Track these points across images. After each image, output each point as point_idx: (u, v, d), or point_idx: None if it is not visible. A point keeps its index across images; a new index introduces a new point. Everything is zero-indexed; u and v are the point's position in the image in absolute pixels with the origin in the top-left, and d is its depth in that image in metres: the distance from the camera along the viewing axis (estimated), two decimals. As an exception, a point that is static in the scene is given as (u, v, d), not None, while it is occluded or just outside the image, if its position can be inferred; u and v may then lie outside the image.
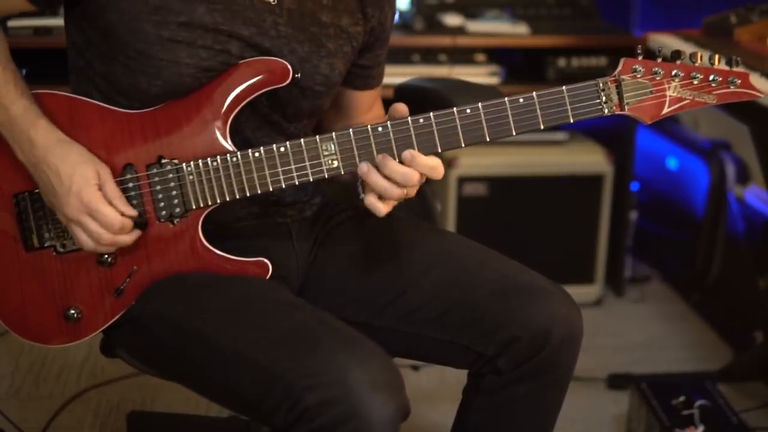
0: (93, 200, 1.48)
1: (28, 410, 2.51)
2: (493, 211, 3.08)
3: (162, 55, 1.51)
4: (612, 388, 2.72)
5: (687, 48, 2.54)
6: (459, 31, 3.04)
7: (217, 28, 1.52)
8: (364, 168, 1.50)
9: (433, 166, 1.51)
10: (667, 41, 2.65)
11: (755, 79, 2.21)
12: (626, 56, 1.53)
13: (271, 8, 1.56)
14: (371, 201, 1.51)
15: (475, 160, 3.06)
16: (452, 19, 3.08)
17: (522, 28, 3.04)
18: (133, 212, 1.52)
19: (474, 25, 3.06)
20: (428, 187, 2.06)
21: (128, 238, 1.52)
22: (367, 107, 1.78)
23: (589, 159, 3.12)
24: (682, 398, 2.33)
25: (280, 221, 1.67)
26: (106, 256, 1.56)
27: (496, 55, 3.06)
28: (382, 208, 1.51)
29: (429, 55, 2.99)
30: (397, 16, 3.03)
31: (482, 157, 3.07)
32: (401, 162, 1.50)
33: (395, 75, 2.48)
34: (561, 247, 3.14)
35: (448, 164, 3.04)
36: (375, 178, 1.50)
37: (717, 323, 3.10)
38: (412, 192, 1.53)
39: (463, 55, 3.01)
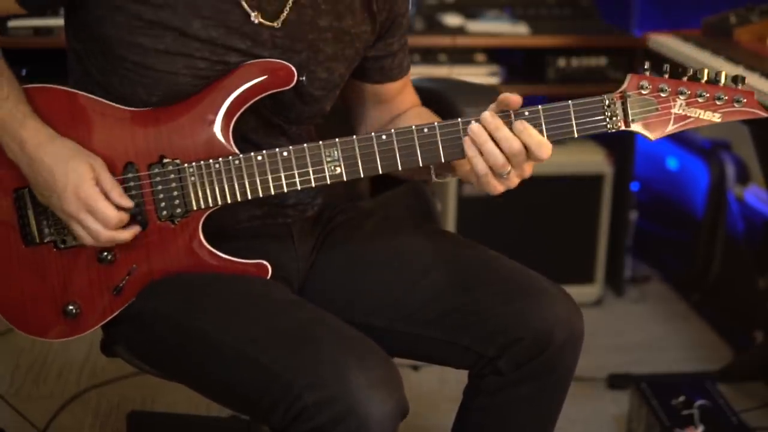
0: (90, 197, 1.48)
1: (28, 410, 2.50)
2: (493, 211, 3.08)
3: (159, 66, 1.50)
4: (612, 388, 2.72)
5: (686, 49, 2.54)
6: (459, 31, 3.04)
7: (213, 42, 1.51)
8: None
9: (540, 141, 1.47)
10: (666, 41, 2.65)
11: (755, 79, 2.22)
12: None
13: (269, 26, 1.55)
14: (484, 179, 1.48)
15: (475, 160, 3.05)
16: (452, 19, 3.08)
17: (522, 28, 3.04)
18: (130, 203, 1.51)
19: (474, 25, 3.06)
20: (428, 187, 2.06)
21: (126, 235, 1.52)
22: (391, 98, 1.73)
23: (589, 159, 3.12)
24: (682, 398, 2.33)
25: (281, 221, 1.67)
26: (106, 253, 1.56)
27: (496, 55, 3.05)
28: (496, 185, 1.48)
29: (429, 55, 2.98)
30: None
31: (482, 157, 3.07)
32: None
33: (395, 75, 2.47)
34: (561, 247, 3.14)
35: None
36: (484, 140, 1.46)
37: (717, 323, 3.09)
38: (513, 180, 1.49)
39: (463, 55, 3.01)
